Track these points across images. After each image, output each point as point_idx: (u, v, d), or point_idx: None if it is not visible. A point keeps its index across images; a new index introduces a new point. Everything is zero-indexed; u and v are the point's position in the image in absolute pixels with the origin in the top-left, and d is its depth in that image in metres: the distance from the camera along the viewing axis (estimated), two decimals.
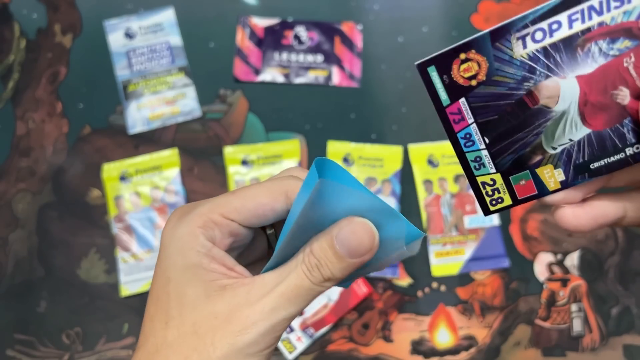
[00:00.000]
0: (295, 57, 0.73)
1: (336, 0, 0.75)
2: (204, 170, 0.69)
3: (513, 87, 0.24)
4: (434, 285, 0.65)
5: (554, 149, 0.25)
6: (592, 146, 0.24)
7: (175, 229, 0.28)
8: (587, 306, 0.64)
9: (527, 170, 0.25)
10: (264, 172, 0.68)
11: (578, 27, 0.23)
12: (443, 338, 0.63)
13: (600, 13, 0.22)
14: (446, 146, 0.69)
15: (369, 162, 0.68)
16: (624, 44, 0.23)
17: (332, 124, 0.71)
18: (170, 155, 0.69)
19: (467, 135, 0.26)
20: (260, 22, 0.74)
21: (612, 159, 0.24)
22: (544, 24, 0.23)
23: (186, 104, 0.71)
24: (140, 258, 0.65)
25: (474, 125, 0.25)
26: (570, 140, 0.24)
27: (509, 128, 0.25)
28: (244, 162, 0.69)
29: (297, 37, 0.73)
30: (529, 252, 0.66)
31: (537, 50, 0.23)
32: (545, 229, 0.67)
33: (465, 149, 0.26)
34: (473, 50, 0.24)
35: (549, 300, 0.65)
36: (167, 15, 0.74)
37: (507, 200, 0.26)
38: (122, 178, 0.68)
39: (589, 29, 0.23)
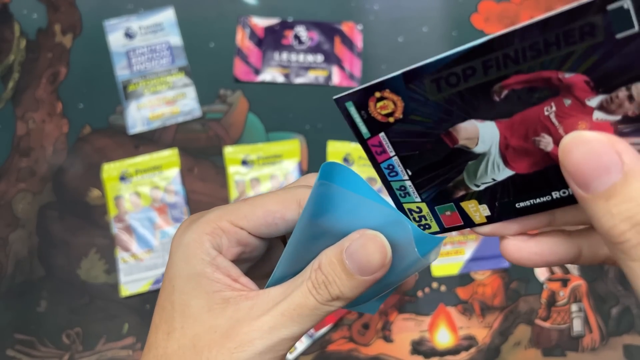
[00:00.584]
0: (296, 57, 0.73)
1: (336, 0, 0.75)
2: (204, 170, 0.69)
3: (431, 127, 0.23)
4: (434, 285, 0.65)
5: (477, 186, 0.24)
6: (517, 187, 0.23)
7: (183, 235, 0.27)
8: (587, 306, 0.64)
9: (452, 203, 0.25)
10: (264, 172, 0.68)
11: (494, 74, 0.21)
12: (443, 338, 0.63)
13: (516, 62, 0.21)
14: None
15: (369, 162, 0.68)
16: (543, 93, 0.21)
17: (332, 124, 0.71)
18: (170, 155, 0.69)
19: (390, 167, 0.25)
20: (261, 22, 0.74)
21: (537, 200, 0.23)
22: (457, 69, 0.22)
23: (186, 104, 0.71)
24: (140, 258, 0.65)
25: (396, 157, 0.25)
26: (494, 179, 0.24)
27: (431, 163, 0.24)
28: (244, 162, 0.69)
29: (297, 37, 0.73)
30: None
31: (452, 94, 0.22)
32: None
33: (389, 179, 0.26)
34: (387, 90, 0.24)
35: (549, 300, 0.65)
36: (167, 15, 0.74)
37: (435, 227, 0.26)
38: (122, 178, 0.68)
39: (505, 76, 0.21)
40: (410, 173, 0.25)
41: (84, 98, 0.72)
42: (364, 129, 0.25)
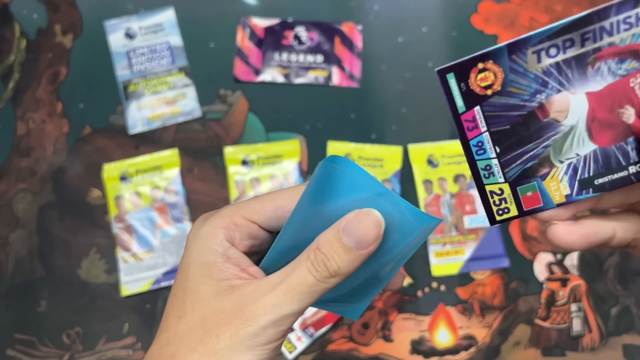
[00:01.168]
0: (295, 57, 0.73)
1: (336, 0, 0.75)
2: (204, 171, 0.69)
3: (526, 99, 0.25)
4: (434, 285, 0.65)
5: (561, 162, 0.25)
6: (598, 162, 0.25)
7: (199, 229, 0.29)
8: (587, 306, 0.64)
9: (534, 182, 0.26)
10: (264, 172, 0.68)
11: (590, 45, 0.24)
12: (443, 338, 0.63)
13: (610, 34, 0.23)
14: (446, 146, 0.69)
15: (368, 162, 0.68)
16: (631, 64, 0.23)
17: (332, 124, 0.71)
18: (171, 155, 0.69)
19: (479, 144, 0.26)
20: (261, 23, 0.74)
21: (615, 176, 0.25)
22: (558, 41, 0.24)
23: (186, 104, 0.71)
24: (140, 258, 0.65)
25: (487, 134, 0.26)
26: (577, 155, 0.25)
27: (519, 139, 0.26)
28: (244, 162, 0.69)
29: (297, 38, 0.73)
30: (528, 252, 0.66)
31: (550, 65, 0.24)
32: (545, 229, 0.67)
33: (476, 157, 0.26)
34: (491, 61, 0.25)
35: (548, 300, 0.65)
36: (168, 16, 0.74)
37: (513, 211, 0.27)
38: (123, 178, 0.68)
39: (599, 48, 0.23)
40: (498, 150, 0.26)
41: (84, 98, 0.72)
42: (460, 102, 0.26)
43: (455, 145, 0.69)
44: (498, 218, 0.27)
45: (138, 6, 0.75)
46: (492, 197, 0.27)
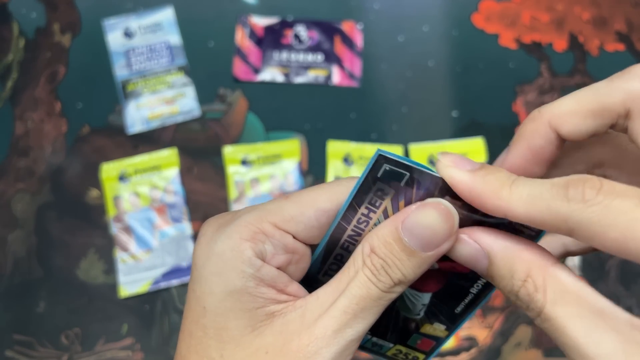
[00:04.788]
0: (295, 56, 0.72)
1: None
2: (203, 170, 0.69)
3: None
4: None
5: (418, 315, 0.27)
6: (445, 299, 0.26)
7: (214, 243, 0.22)
8: None
9: (415, 335, 0.28)
10: (264, 172, 0.68)
11: (354, 248, 0.25)
12: None
13: (358, 234, 0.24)
14: (446, 146, 0.69)
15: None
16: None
17: (332, 124, 0.70)
18: (170, 155, 0.69)
19: None
20: (260, 21, 0.74)
21: (467, 300, 0.26)
22: (332, 260, 0.26)
23: (185, 104, 0.71)
24: (139, 258, 0.65)
25: None
26: (423, 304, 0.26)
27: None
28: (244, 162, 0.68)
29: (297, 37, 0.73)
30: None
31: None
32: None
33: (361, 343, 0.28)
34: None
35: None
36: (166, 15, 0.74)
37: (421, 355, 0.29)
38: (121, 178, 0.68)
39: (351, 244, 0.25)
40: (370, 332, 0.28)
41: (82, 98, 0.71)
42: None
43: (456, 145, 0.69)
44: None
45: (137, 5, 0.74)
46: (398, 357, 0.29)
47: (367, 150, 0.69)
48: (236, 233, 0.22)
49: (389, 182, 0.23)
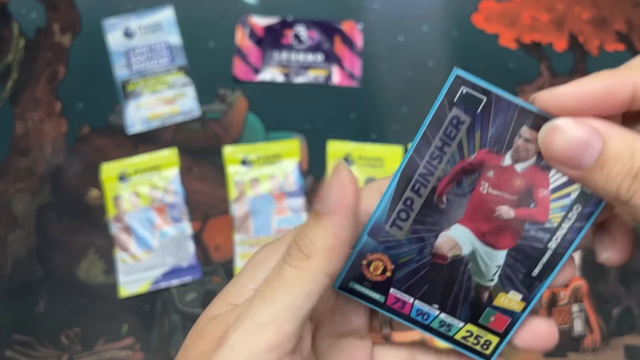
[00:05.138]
0: (295, 56, 0.72)
1: None
2: (203, 170, 0.69)
3: (419, 259, 0.25)
4: None
5: (492, 280, 0.25)
6: (520, 260, 0.25)
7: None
8: (588, 307, 0.64)
9: (488, 309, 0.26)
10: (264, 171, 0.68)
11: (425, 192, 0.24)
12: None
13: (431, 173, 0.24)
14: None
15: (369, 162, 0.68)
16: (469, 180, 0.24)
17: (332, 124, 0.70)
18: (170, 155, 0.69)
19: (419, 312, 0.26)
20: (260, 21, 0.74)
21: (545, 259, 0.25)
22: (400, 206, 0.24)
23: (185, 104, 0.71)
24: (139, 258, 0.65)
25: (417, 301, 0.26)
26: (498, 266, 0.25)
27: (444, 288, 0.26)
28: (244, 162, 0.68)
29: (297, 37, 0.73)
30: None
31: (411, 225, 0.25)
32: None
33: (426, 322, 0.27)
34: (368, 254, 0.25)
35: (550, 300, 0.64)
36: (166, 15, 0.74)
37: (494, 340, 0.26)
38: (121, 178, 0.68)
39: (435, 187, 0.24)
40: (437, 305, 0.26)
41: (82, 98, 0.71)
42: (376, 295, 0.26)
43: None
44: (488, 352, 0.26)
45: (137, 5, 0.74)
46: (468, 341, 0.27)
47: (367, 150, 0.69)
48: (252, 346, 0.22)
49: (465, 108, 0.22)
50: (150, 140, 0.70)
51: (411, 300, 0.26)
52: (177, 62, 0.72)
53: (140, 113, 0.70)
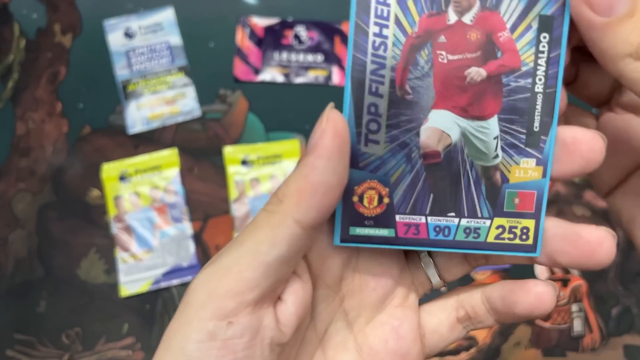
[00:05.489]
0: (295, 56, 0.72)
1: (336, 0, 0.75)
2: (203, 170, 0.69)
3: (411, 168, 0.23)
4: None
5: (497, 156, 0.23)
6: (514, 120, 0.22)
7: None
8: (588, 306, 0.64)
9: (504, 188, 0.23)
10: (264, 172, 0.68)
11: (385, 89, 0.22)
12: None
13: (382, 66, 0.21)
14: None
15: None
16: (423, 55, 0.22)
17: None
18: (170, 155, 0.69)
19: (437, 229, 0.23)
20: (260, 22, 0.74)
21: (539, 106, 0.22)
22: (365, 117, 0.22)
23: (186, 104, 0.71)
24: (139, 258, 0.65)
25: (429, 218, 0.23)
26: (495, 137, 0.22)
27: (451, 189, 0.23)
28: (244, 162, 0.68)
29: (297, 37, 0.73)
30: None
31: (387, 133, 0.22)
32: None
33: (450, 238, 0.23)
34: (355, 186, 0.23)
35: None
36: (167, 15, 0.74)
37: (530, 222, 0.23)
38: (122, 178, 0.68)
39: (392, 81, 0.22)
40: (453, 214, 0.23)
41: (83, 98, 0.72)
42: (384, 231, 0.23)
43: None
44: (530, 241, 0.23)
45: (137, 5, 0.74)
46: (504, 239, 0.23)
47: None
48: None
49: None
50: (150, 140, 0.70)
51: (423, 219, 0.23)
52: (178, 63, 0.72)
53: (141, 113, 0.71)
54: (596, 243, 0.22)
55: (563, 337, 0.63)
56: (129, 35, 0.73)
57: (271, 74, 0.72)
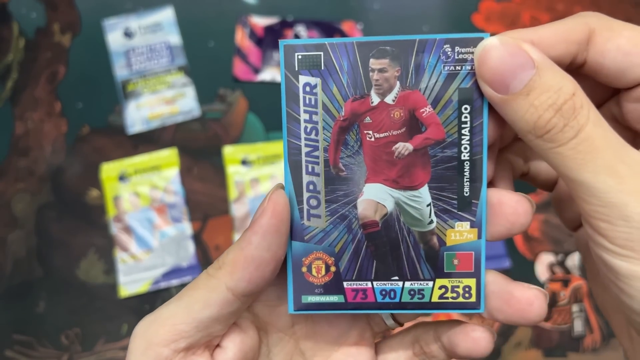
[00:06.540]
0: None
1: None
2: (203, 170, 0.69)
3: (353, 238, 0.24)
4: None
5: (432, 221, 0.24)
6: (445, 187, 0.24)
7: None
8: (588, 307, 0.64)
9: (442, 252, 0.24)
10: (264, 172, 0.68)
11: (320, 168, 0.23)
12: None
13: (315, 148, 0.23)
14: None
15: None
16: (352, 135, 0.23)
17: None
18: (170, 155, 0.69)
19: (384, 292, 0.24)
20: (260, 21, 0.74)
21: (467, 173, 0.23)
22: (307, 194, 0.24)
23: (185, 104, 0.71)
24: (139, 258, 0.65)
25: (375, 282, 0.24)
26: (428, 205, 0.24)
27: (392, 254, 0.24)
28: (244, 162, 0.68)
29: (297, 37, 0.73)
30: (529, 253, 0.66)
31: (327, 208, 0.24)
32: (547, 229, 0.67)
33: (397, 300, 0.24)
34: (303, 259, 0.24)
35: (550, 300, 0.64)
36: (166, 15, 0.74)
37: (471, 281, 0.24)
38: (121, 178, 0.68)
39: (326, 160, 0.23)
40: (396, 277, 0.24)
41: (82, 98, 0.71)
42: (334, 298, 0.24)
43: None
44: (473, 299, 0.24)
45: (137, 5, 0.74)
46: (447, 298, 0.24)
47: None
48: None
49: (310, 71, 0.22)
50: (150, 140, 0.70)
51: (369, 284, 0.24)
52: (177, 62, 0.72)
53: (140, 113, 0.70)
54: (526, 303, 0.23)
55: (564, 338, 0.63)
56: (128, 34, 0.73)
57: (271, 74, 0.72)
